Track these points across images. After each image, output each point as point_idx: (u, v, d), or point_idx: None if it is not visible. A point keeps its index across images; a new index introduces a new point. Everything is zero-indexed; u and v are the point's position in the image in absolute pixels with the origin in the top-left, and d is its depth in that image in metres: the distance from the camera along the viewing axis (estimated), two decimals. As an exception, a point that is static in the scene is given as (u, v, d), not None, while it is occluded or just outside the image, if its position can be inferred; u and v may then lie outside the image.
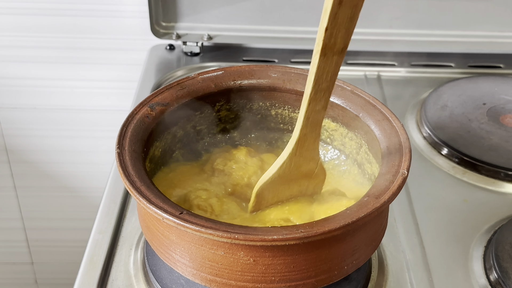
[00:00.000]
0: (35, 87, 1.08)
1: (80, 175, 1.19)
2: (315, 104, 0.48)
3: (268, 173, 0.53)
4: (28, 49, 1.04)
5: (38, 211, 1.24)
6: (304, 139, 0.51)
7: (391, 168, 0.51)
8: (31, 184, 1.20)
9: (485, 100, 0.89)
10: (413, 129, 0.85)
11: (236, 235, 0.44)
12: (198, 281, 0.50)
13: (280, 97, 0.64)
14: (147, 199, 0.47)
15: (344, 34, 0.44)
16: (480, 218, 0.70)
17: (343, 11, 0.42)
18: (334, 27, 0.42)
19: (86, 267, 0.62)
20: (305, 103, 0.48)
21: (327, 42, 0.43)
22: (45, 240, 1.28)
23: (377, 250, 0.64)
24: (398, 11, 0.98)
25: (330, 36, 0.43)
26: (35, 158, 1.17)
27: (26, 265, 1.32)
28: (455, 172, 0.77)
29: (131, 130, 0.55)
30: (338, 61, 0.46)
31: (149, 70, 0.98)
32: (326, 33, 0.43)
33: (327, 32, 0.43)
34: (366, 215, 0.46)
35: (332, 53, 0.44)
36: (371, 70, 0.98)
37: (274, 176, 0.53)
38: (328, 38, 0.43)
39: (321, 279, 0.49)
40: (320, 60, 0.44)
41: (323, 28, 0.42)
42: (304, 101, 0.48)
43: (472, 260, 0.65)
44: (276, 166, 0.52)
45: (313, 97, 0.47)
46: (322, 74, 0.46)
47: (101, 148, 1.15)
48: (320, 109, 0.49)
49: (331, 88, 0.47)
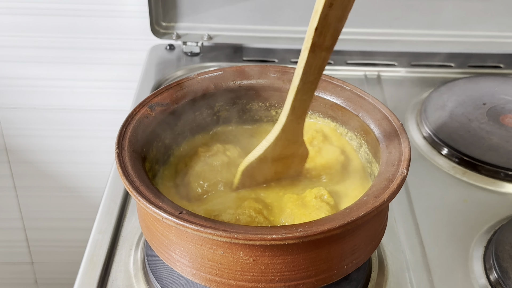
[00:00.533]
0: (35, 87, 1.08)
1: (80, 175, 1.19)
2: (302, 94, 0.50)
3: (254, 153, 0.55)
4: (28, 49, 1.04)
5: (38, 211, 1.24)
6: (289, 125, 0.53)
7: (391, 168, 0.51)
8: (31, 184, 1.20)
9: (485, 100, 0.89)
10: (413, 129, 0.85)
11: (235, 234, 0.44)
12: (198, 281, 0.50)
13: (279, 97, 0.64)
14: (147, 199, 0.47)
15: (333, 33, 0.46)
16: (480, 218, 0.70)
17: (333, 13, 0.44)
18: (324, 26, 0.44)
19: (86, 267, 0.62)
20: (292, 94, 0.50)
21: (316, 40, 0.45)
22: (45, 240, 1.28)
23: (377, 250, 0.64)
24: (398, 11, 0.98)
25: (319, 34, 0.45)
26: (35, 158, 1.17)
27: (26, 265, 1.32)
28: (455, 172, 0.77)
29: (131, 130, 0.55)
30: (326, 57, 0.48)
31: (149, 70, 0.98)
32: (316, 32, 0.44)
33: (316, 31, 0.44)
34: (366, 214, 0.46)
35: (320, 49, 0.46)
36: (371, 70, 0.99)
37: (260, 157, 0.55)
38: (318, 36, 0.45)
39: (321, 279, 0.49)
40: (309, 56, 0.46)
41: (313, 27, 0.44)
42: (292, 92, 0.50)
43: (472, 260, 0.65)
44: (262, 148, 0.55)
45: (300, 88, 0.50)
46: (310, 68, 0.48)
47: (101, 148, 1.15)
48: (307, 98, 0.51)
49: (318, 80, 0.50)
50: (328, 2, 0.43)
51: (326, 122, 0.63)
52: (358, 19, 0.97)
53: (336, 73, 0.97)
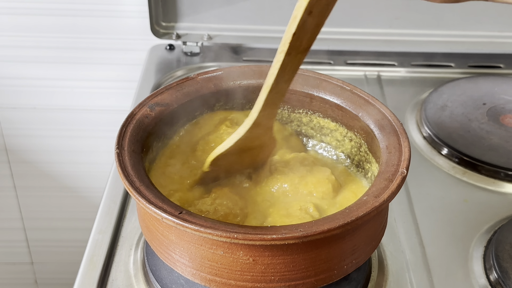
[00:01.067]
0: (35, 87, 1.08)
1: (80, 175, 1.19)
2: (275, 92, 0.52)
3: (224, 145, 0.56)
4: (28, 49, 1.04)
5: (38, 211, 1.24)
6: (260, 120, 0.54)
7: (391, 168, 0.51)
8: (31, 184, 1.20)
9: (485, 100, 0.89)
10: (413, 129, 0.85)
11: (235, 234, 0.44)
12: (198, 281, 0.50)
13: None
14: (147, 199, 0.47)
15: (309, 37, 0.47)
16: (480, 218, 0.70)
17: (311, 20, 0.45)
18: (302, 32, 0.45)
19: (86, 267, 0.62)
20: (265, 91, 0.51)
21: (293, 44, 0.46)
22: (45, 240, 1.29)
23: (377, 250, 0.64)
24: (398, 11, 0.98)
25: (296, 39, 0.46)
26: (35, 158, 1.17)
27: (26, 265, 1.32)
28: (455, 172, 0.77)
29: (131, 130, 0.55)
30: (301, 58, 0.49)
31: (149, 70, 0.98)
32: (294, 36, 0.46)
33: (294, 36, 0.45)
34: (366, 214, 0.46)
35: (296, 52, 0.48)
36: (371, 70, 0.99)
37: (230, 148, 0.56)
38: (295, 41, 0.46)
39: (321, 279, 0.49)
40: (285, 58, 0.48)
41: (291, 32, 0.45)
42: (265, 89, 0.51)
43: (472, 260, 0.65)
44: (232, 140, 0.56)
45: (274, 86, 0.51)
46: (285, 69, 0.49)
47: (101, 148, 1.15)
48: (279, 96, 0.53)
49: (292, 78, 0.51)
50: (308, 9, 0.44)
51: (326, 122, 0.63)
52: (358, 18, 0.98)
53: (336, 73, 0.97)
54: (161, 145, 0.61)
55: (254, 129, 0.55)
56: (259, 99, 0.52)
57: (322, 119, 0.64)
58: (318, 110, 0.63)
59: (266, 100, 0.52)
